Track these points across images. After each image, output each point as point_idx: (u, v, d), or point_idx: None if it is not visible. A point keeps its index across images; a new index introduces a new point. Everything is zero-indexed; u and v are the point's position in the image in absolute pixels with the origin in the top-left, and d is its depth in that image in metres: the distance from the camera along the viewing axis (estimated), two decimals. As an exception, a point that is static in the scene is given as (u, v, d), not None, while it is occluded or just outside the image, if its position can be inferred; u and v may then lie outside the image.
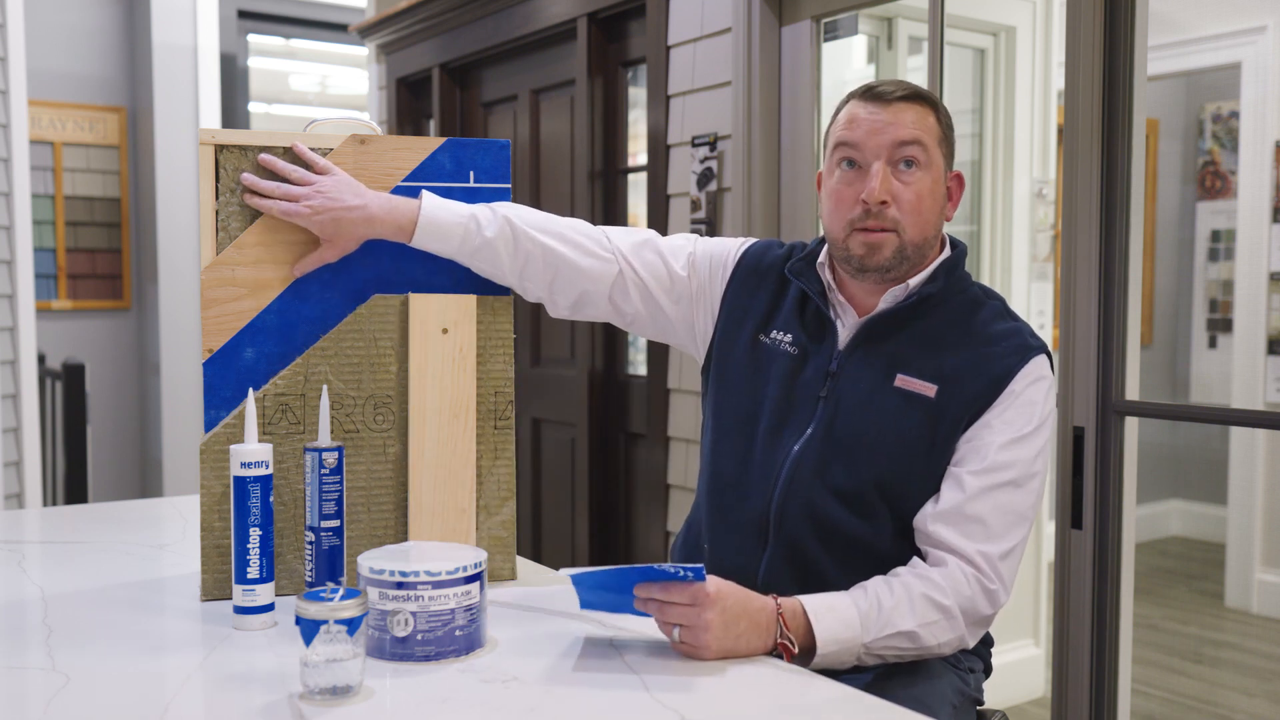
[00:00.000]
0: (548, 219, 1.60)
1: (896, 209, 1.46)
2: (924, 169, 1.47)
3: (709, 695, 1.17)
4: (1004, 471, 1.42)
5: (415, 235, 1.52)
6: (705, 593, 1.25)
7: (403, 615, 1.22)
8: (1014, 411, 1.44)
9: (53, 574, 1.59)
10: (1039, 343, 1.50)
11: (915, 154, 1.46)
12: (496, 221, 1.55)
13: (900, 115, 1.47)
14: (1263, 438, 4.32)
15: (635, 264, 1.62)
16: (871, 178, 1.45)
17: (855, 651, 1.35)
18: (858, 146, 1.47)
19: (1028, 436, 1.44)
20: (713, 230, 2.86)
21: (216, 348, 1.49)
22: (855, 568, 1.44)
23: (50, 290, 5.18)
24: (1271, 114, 4.26)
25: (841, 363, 1.51)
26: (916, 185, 1.47)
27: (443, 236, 1.53)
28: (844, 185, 1.49)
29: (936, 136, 1.49)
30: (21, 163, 3.59)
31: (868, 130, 1.47)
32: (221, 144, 1.50)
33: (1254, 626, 4.26)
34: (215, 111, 5.38)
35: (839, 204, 1.49)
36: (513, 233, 1.56)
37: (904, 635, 1.36)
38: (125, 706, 1.11)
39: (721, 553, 1.54)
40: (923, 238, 1.49)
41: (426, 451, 1.54)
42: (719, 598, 1.26)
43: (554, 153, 3.60)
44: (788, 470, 1.49)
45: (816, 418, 1.50)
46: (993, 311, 1.52)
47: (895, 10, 3.06)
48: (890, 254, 1.47)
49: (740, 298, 1.61)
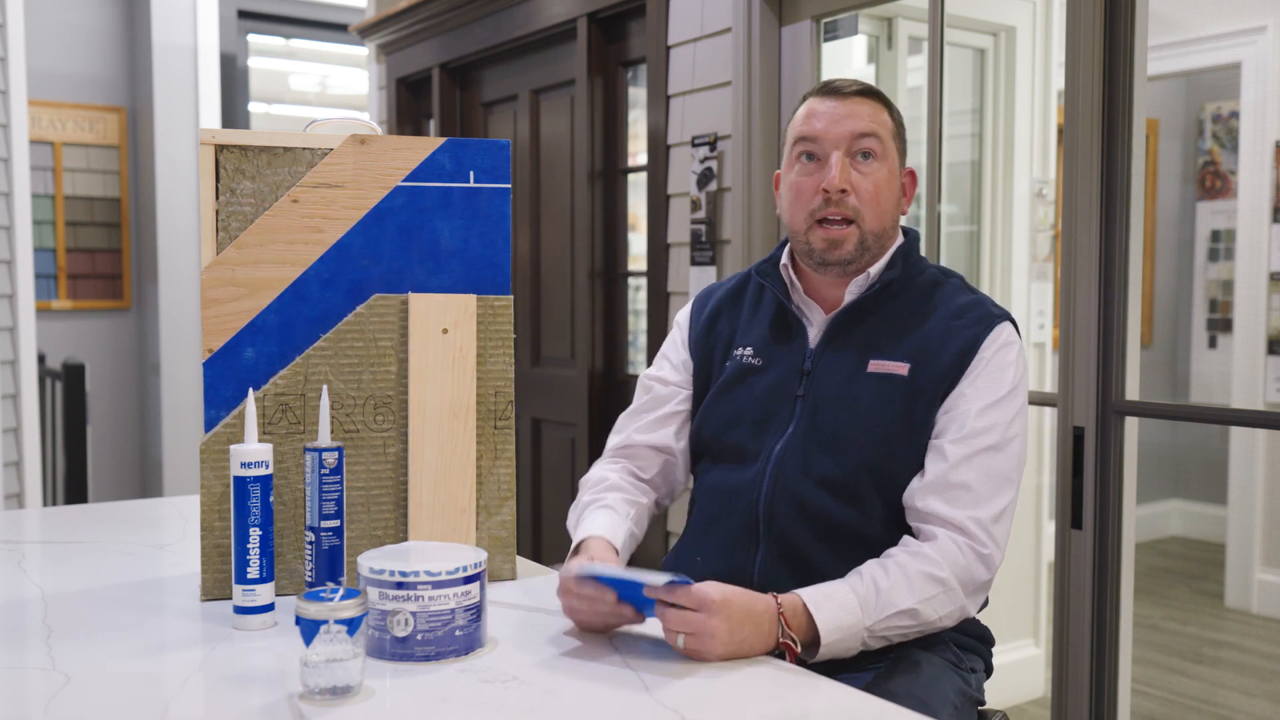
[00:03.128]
0: (612, 518, 1.58)
1: (856, 198, 1.51)
2: (880, 160, 1.53)
3: (709, 695, 1.17)
4: (984, 436, 1.44)
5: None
6: (710, 599, 1.25)
7: (403, 615, 1.22)
8: (985, 379, 1.47)
9: (53, 574, 1.59)
10: (1001, 311, 1.54)
11: (872, 146, 1.52)
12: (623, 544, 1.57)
13: (856, 108, 1.53)
14: (1263, 438, 4.32)
15: (661, 440, 1.67)
16: (831, 167, 1.51)
17: (859, 636, 1.35)
18: (817, 139, 1.53)
19: (1002, 400, 1.47)
20: (712, 229, 2.86)
21: (216, 348, 1.49)
22: (849, 557, 1.46)
23: (50, 290, 5.18)
24: (1271, 114, 4.26)
25: (815, 359, 1.54)
26: (874, 176, 1.52)
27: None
28: (804, 177, 1.54)
29: (891, 131, 1.55)
30: (21, 163, 3.59)
31: (826, 123, 1.52)
32: (222, 144, 1.50)
33: (1254, 626, 4.26)
34: (215, 111, 5.38)
35: (799, 196, 1.55)
36: (630, 541, 1.59)
37: (905, 613, 1.37)
38: (125, 706, 1.11)
39: (715, 559, 1.55)
40: (881, 228, 1.54)
41: (426, 451, 1.54)
42: (724, 604, 1.26)
43: (554, 153, 3.60)
44: (773, 468, 1.51)
45: (796, 415, 1.53)
46: (953, 288, 1.57)
47: (895, 10, 3.06)
48: (852, 248, 1.52)
49: (703, 341, 1.67)
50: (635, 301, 3.38)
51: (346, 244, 1.53)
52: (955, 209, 3.37)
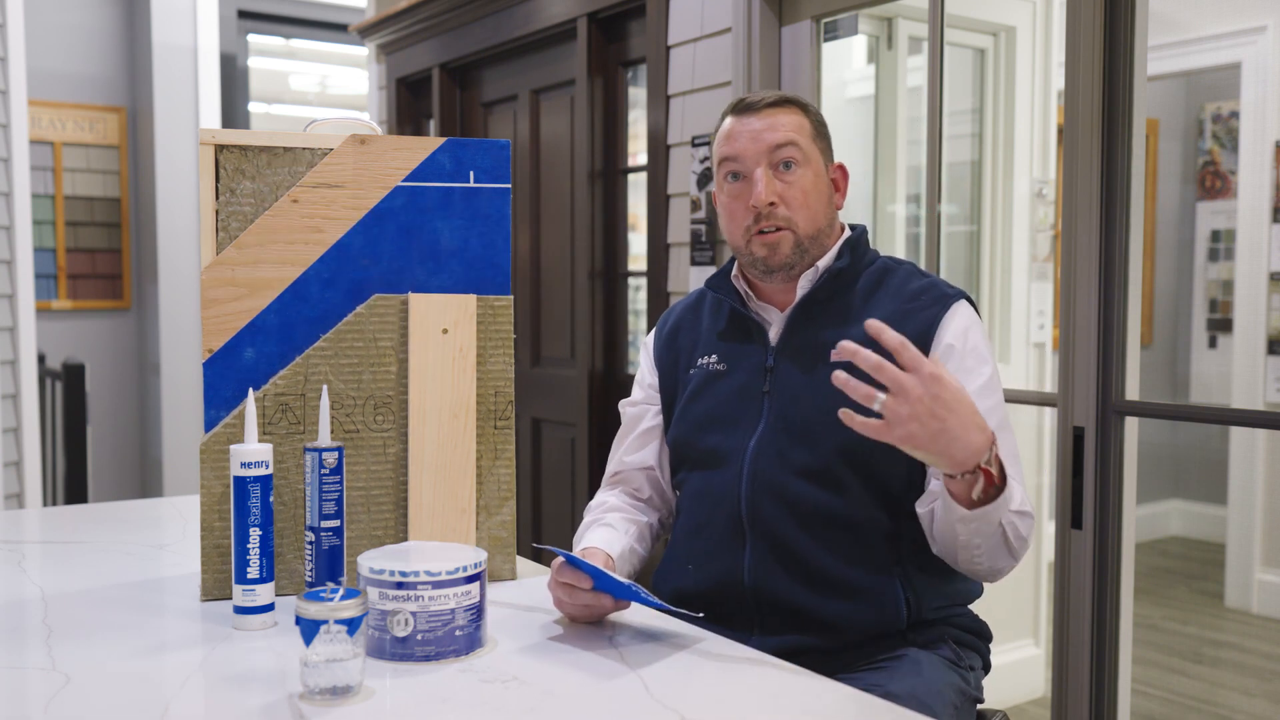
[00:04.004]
0: (610, 533, 1.62)
1: (785, 207, 1.54)
2: (803, 166, 1.56)
3: (709, 695, 1.17)
4: (990, 419, 1.44)
5: None
6: (931, 369, 1.23)
7: (403, 615, 1.22)
8: (963, 371, 1.48)
9: (53, 574, 1.59)
10: (956, 290, 1.56)
11: (792, 154, 1.55)
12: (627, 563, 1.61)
13: (772, 119, 1.56)
14: (1263, 438, 4.31)
15: (645, 459, 1.71)
16: (756, 183, 1.54)
17: (1000, 515, 1.35)
18: (738, 158, 1.56)
19: (990, 383, 1.49)
20: (712, 230, 2.86)
21: (216, 348, 1.49)
22: (835, 543, 1.47)
23: (50, 290, 5.18)
24: (1271, 114, 4.25)
25: (777, 356, 1.57)
26: (799, 182, 1.55)
27: None
28: (732, 198, 1.58)
29: (809, 134, 1.58)
30: (21, 163, 3.59)
31: (745, 140, 1.56)
32: (221, 144, 1.50)
33: (1254, 626, 4.26)
34: (215, 111, 5.37)
35: (732, 216, 1.58)
36: (631, 555, 1.62)
37: (1027, 516, 1.39)
38: (125, 706, 1.11)
39: (705, 564, 1.56)
40: (815, 229, 1.56)
41: (426, 451, 1.54)
42: (945, 377, 1.24)
43: (554, 153, 3.60)
44: (749, 466, 1.53)
45: (765, 411, 1.55)
46: (906, 273, 1.60)
47: (895, 10, 3.06)
48: (789, 250, 1.55)
49: (666, 356, 1.71)
50: (635, 301, 3.38)
51: (346, 244, 1.53)
52: (955, 209, 3.37)
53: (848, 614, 1.46)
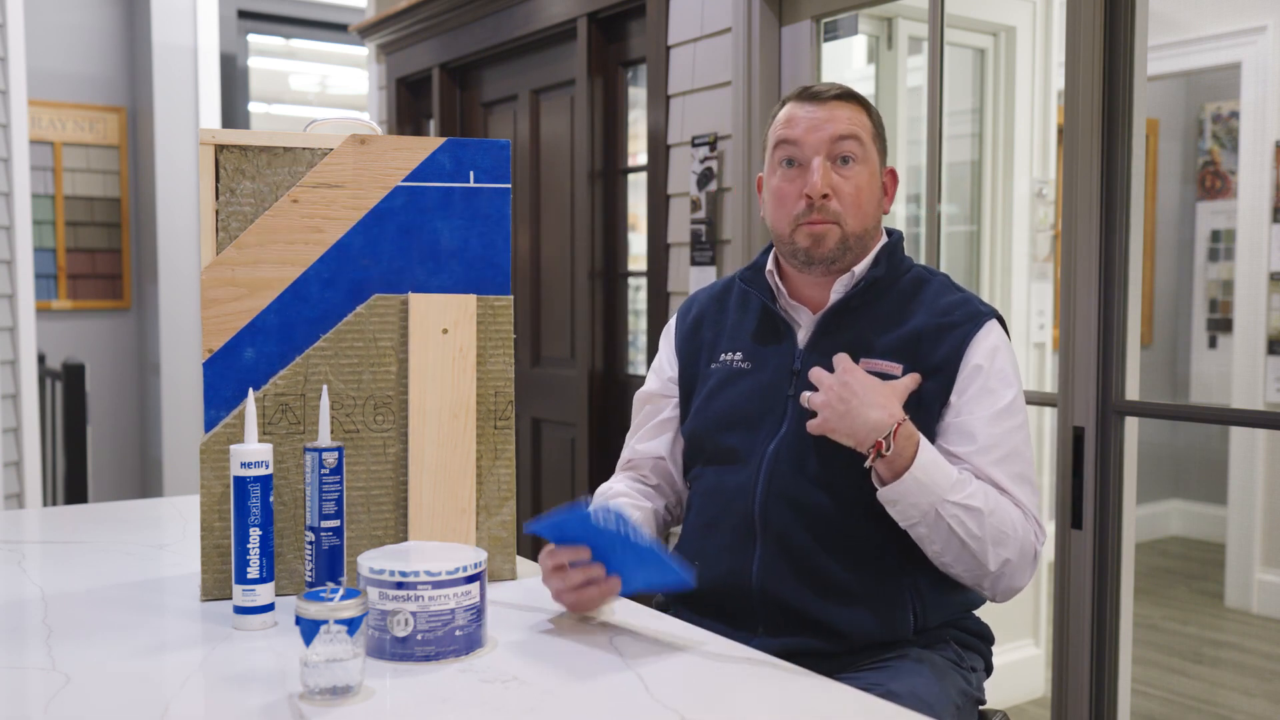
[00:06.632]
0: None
1: (837, 202, 1.52)
2: (861, 163, 1.54)
3: (709, 695, 1.17)
4: (999, 447, 1.48)
5: None
6: (846, 364, 1.42)
7: (403, 615, 1.22)
8: (987, 392, 1.49)
9: (53, 574, 1.59)
10: (988, 308, 1.56)
11: (852, 149, 1.53)
12: None
13: (836, 112, 1.54)
14: (1263, 438, 4.31)
15: (658, 448, 1.72)
16: (812, 172, 1.52)
17: (936, 498, 1.38)
18: (798, 144, 1.54)
19: (1010, 406, 1.50)
20: (712, 229, 2.86)
21: (216, 348, 1.49)
22: (846, 551, 1.47)
23: (50, 290, 5.18)
24: (1271, 114, 4.26)
25: (805, 359, 1.54)
26: (855, 179, 1.53)
27: None
28: (786, 183, 1.56)
29: (871, 133, 1.56)
30: (21, 163, 3.59)
31: (806, 128, 1.53)
32: (221, 144, 1.50)
33: (1254, 626, 4.26)
34: (215, 111, 5.37)
35: (782, 201, 1.56)
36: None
37: (975, 512, 1.40)
38: (125, 706, 1.11)
39: (713, 563, 1.55)
40: (863, 228, 1.55)
41: (426, 451, 1.54)
42: (855, 369, 1.42)
43: (554, 153, 3.60)
44: (767, 469, 1.52)
45: (788, 416, 1.53)
46: (940, 285, 1.58)
47: (895, 10, 3.06)
48: (834, 244, 1.53)
49: (688, 346, 1.69)
50: (635, 301, 3.38)
51: (346, 244, 1.53)
52: (955, 209, 3.37)
53: (854, 621, 1.46)
